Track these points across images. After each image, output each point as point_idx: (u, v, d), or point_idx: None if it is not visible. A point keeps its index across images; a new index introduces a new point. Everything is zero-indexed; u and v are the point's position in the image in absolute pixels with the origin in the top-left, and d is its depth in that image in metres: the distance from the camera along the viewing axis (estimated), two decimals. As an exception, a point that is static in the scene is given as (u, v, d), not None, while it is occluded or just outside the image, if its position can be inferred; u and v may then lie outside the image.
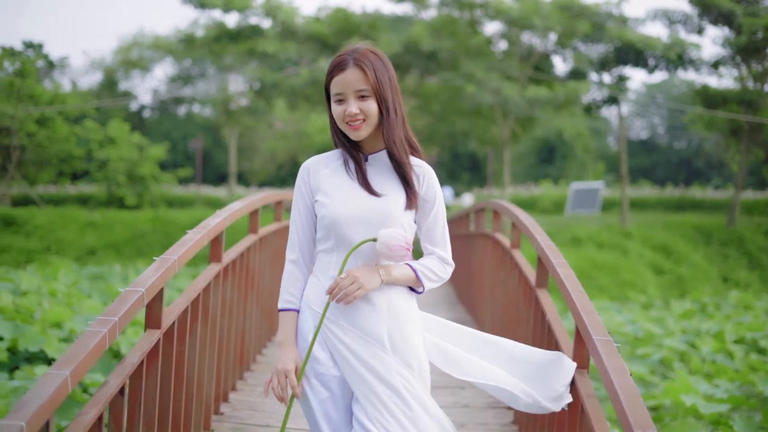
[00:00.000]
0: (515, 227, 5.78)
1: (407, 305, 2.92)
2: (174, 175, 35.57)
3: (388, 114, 2.81)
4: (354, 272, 2.79)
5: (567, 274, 3.77)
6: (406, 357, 2.86)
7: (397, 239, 2.75)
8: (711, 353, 11.00)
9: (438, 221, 2.95)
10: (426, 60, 27.36)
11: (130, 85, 48.01)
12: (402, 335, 2.87)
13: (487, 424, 5.09)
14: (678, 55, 27.41)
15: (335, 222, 2.83)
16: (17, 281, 12.86)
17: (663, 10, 28.15)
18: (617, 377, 2.67)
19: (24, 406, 2.27)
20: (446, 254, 3.00)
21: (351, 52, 2.80)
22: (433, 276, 2.96)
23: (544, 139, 51.46)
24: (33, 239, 26.97)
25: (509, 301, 5.90)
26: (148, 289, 3.29)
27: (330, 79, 2.82)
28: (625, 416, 2.45)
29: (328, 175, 2.90)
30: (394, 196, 2.84)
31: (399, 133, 2.84)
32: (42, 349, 7.95)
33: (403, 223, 2.84)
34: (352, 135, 2.81)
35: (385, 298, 2.87)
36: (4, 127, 29.94)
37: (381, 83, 2.78)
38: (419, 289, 2.94)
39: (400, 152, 2.83)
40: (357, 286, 2.76)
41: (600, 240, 25.77)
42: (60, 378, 2.45)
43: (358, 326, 2.84)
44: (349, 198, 2.84)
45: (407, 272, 2.89)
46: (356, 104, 2.77)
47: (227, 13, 29.17)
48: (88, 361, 2.66)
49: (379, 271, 2.82)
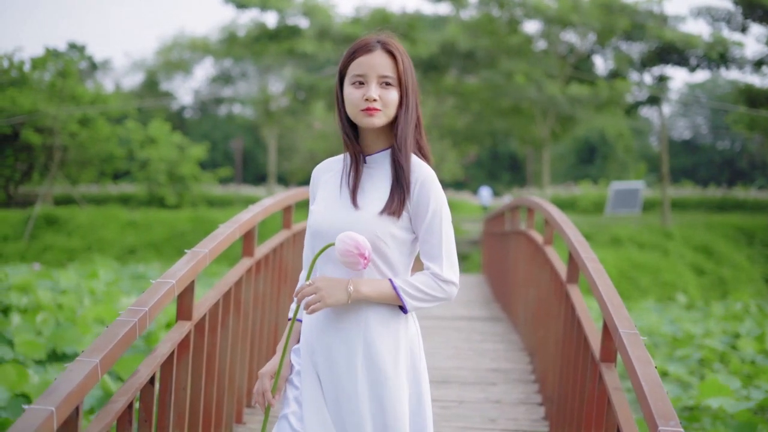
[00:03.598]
0: (548, 224, 5.78)
1: (387, 333, 2.58)
2: (214, 175, 35.77)
3: (407, 109, 2.60)
4: (319, 282, 2.52)
5: (596, 268, 3.77)
6: (381, 401, 2.55)
7: (347, 243, 2.45)
8: (752, 354, 10.87)
9: (433, 232, 2.59)
10: (464, 59, 27.32)
11: (171, 85, 48.52)
12: (376, 372, 2.56)
13: (518, 419, 5.09)
14: (720, 54, 27.08)
15: (313, 234, 2.64)
16: (57, 279, 13.04)
17: (706, 8, 27.79)
18: (641, 369, 2.67)
19: (54, 391, 2.31)
20: (442, 271, 2.58)
21: (378, 38, 2.61)
22: (419, 294, 2.57)
23: (585, 139, 51.10)
24: (74, 238, 27.29)
25: (541, 296, 5.90)
26: (178, 280, 3.32)
27: (350, 60, 2.60)
28: (648, 407, 2.45)
29: (326, 180, 2.72)
30: (375, 207, 2.57)
31: (410, 133, 2.61)
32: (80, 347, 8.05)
33: (377, 232, 2.53)
34: (365, 122, 2.56)
35: (362, 319, 2.57)
36: (47, 128, 30.32)
37: (406, 75, 2.60)
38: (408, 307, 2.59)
39: (406, 151, 2.58)
40: (317, 299, 2.50)
41: (640, 240, 25.54)
42: (90, 365, 2.49)
43: (330, 355, 2.60)
44: (331, 208, 2.62)
45: (384, 289, 2.55)
46: (378, 90, 2.55)
47: (265, 12, 29.35)
48: (118, 350, 2.69)
49: (348, 287, 2.51)
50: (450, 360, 6.71)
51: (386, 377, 2.55)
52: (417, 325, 2.71)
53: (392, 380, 2.55)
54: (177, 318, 3.65)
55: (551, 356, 5.12)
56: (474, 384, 5.88)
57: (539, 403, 5.43)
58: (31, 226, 27.79)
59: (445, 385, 5.86)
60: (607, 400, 3.20)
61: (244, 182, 48.36)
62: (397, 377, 2.56)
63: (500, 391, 5.71)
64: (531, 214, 7.17)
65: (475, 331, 8.33)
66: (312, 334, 2.63)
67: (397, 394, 2.56)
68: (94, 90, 34.35)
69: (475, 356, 6.90)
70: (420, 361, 2.67)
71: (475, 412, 5.19)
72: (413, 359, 2.64)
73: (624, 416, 2.98)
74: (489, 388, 5.78)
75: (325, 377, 2.59)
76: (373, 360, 2.55)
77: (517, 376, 6.19)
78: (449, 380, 6.00)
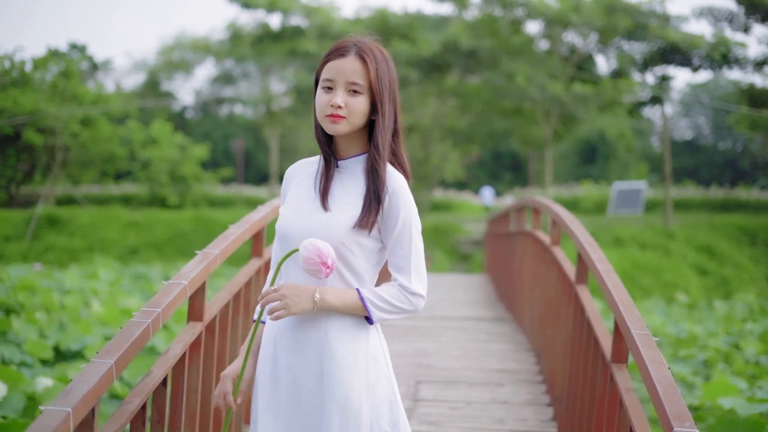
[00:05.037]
0: (555, 224, 5.78)
1: (349, 344, 2.52)
2: (216, 175, 35.80)
3: (383, 117, 2.51)
4: (285, 289, 2.46)
5: (605, 269, 3.77)
6: (343, 412, 2.49)
7: (309, 251, 2.38)
8: (755, 355, 10.86)
9: (402, 245, 2.53)
10: (466, 59, 27.32)
11: (173, 86, 48.53)
12: (336, 384, 2.50)
13: (527, 420, 5.10)
14: (723, 54, 27.08)
15: (280, 237, 2.59)
16: (61, 280, 13.04)
17: (708, 8, 27.77)
18: (655, 370, 2.67)
19: (70, 392, 2.31)
20: (410, 283, 2.53)
21: (356, 42, 2.53)
22: (386, 306, 2.51)
23: (586, 139, 51.07)
24: (76, 238, 27.32)
25: (549, 297, 5.90)
26: (190, 281, 3.32)
27: (324, 63, 2.54)
28: (663, 408, 2.45)
29: (299, 182, 2.66)
30: (344, 212, 2.51)
31: (387, 140, 2.53)
32: (85, 346, 8.04)
33: (344, 240, 2.48)
34: (329, 129, 2.50)
35: (322, 329, 2.52)
36: (49, 128, 30.35)
37: (380, 82, 2.50)
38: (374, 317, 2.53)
39: (383, 160, 2.50)
40: (282, 306, 2.45)
41: (643, 240, 25.56)
42: (105, 366, 2.49)
43: (290, 367, 2.55)
44: (301, 211, 2.57)
45: (352, 299, 2.50)
46: (344, 97, 2.47)
47: (271, 13, 29.35)
48: (132, 351, 2.70)
49: (315, 295, 2.46)
50: (457, 360, 6.71)
51: (345, 390, 2.49)
52: (381, 335, 2.64)
53: (351, 393, 2.49)
54: (188, 319, 3.64)
55: (559, 357, 5.12)
56: (481, 384, 5.89)
57: (547, 404, 5.43)
58: (33, 226, 27.81)
59: (453, 385, 5.87)
60: (619, 401, 3.20)
61: (246, 182, 48.35)
62: (355, 389, 2.50)
63: (508, 392, 5.71)
64: (537, 214, 7.17)
65: (480, 331, 8.33)
66: (269, 344, 2.59)
67: (357, 407, 2.49)
68: (95, 90, 34.37)
69: (481, 357, 6.91)
70: (383, 368, 2.59)
71: (483, 413, 5.19)
72: (376, 370, 2.56)
73: (637, 417, 2.98)
74: (496, 389, 5.79)
75: (285, 389, 2.55)
76: (331, 373, 2.49)
77: (524, 376, 6.19)
78: (457, 380, 6.01)
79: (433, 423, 4.96)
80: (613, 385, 3.35)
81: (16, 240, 27.56)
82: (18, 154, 31.43)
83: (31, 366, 7.53)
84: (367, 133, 2.57)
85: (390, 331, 8.00)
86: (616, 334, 3.43)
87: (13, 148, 31.06)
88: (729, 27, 27.98)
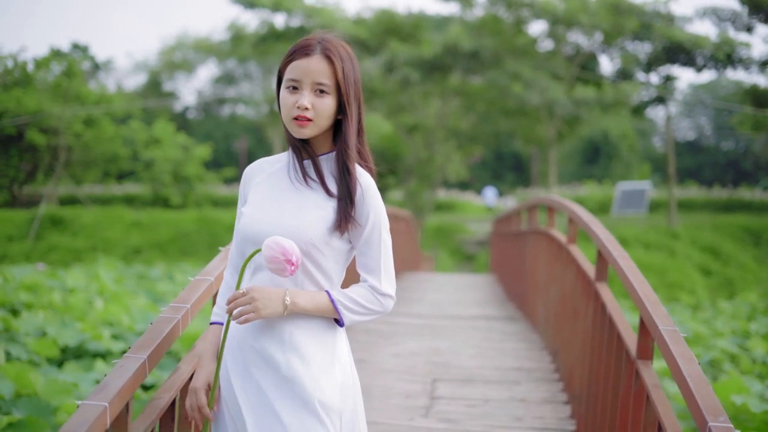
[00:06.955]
0: (572, 222, 5.77)
1: (316, 345, 2.47)
2: (219, 175, 35.81)
3: (346, 116, 2.46)
4: (254, 292, 2.37)
5: (628, 265, 3.77)
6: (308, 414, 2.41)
7: (273, 249, 2.30)
8: (762, 355, 10.86)
9: (372, 245, 2.49)
10: (468, 59, 27.30)
11: (174, 86, 48.56)
12: (299, 391, 2.42)
13: (545, 417, 5.09)
14: (727, 54, 27.09)
15: (243, 238, 2.51)
16: (64, 279, 13.05)
17: (712, 8, 27.78)
18: (686, 365, 2.67)
19: (105, 387, 2.32)
20: (380, 284, 2.50)
21: (320, 40, 2.46)
22: (356, 308, 2.48)
23: (589, 139, 51.11)
24: (79, 238, 27.33)
25: (565, 296, 5.89)
26: (216, 277, 3.33)
27: (288, 62, 2.46)
28: (696, 404, 2.45)
29: (262, 180, 2.59)
30: (312, 213, 2.46)
31: (352, 140, 2.48)
32: (87, 345, 8.05)
33: (313, 240, 2.42)
34: (295, 132, 2.45)
35: (286, 333, 2.45)
36: (52, 128, 30.37)
37: (347, 82, 2.45)
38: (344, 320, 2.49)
39: (351, 160, 2.46)
40: (251, 309, 2.36)
41: (647, 241, 25.57)
42: (138, 361, 2.50)
43: (250, 375, 2.48)
44: (264, 213, 2.49)
45: (322, 301, 2.45)
46: (311, 98, 2.42)
47: (275, 13, 29.36)
48: (164, 346, 2.71)
49: (285, 299, 2.39)
50: (473, 359, 6.71)
51: (309, 396, 2.42)
52: (346, 338, 2.60)
53: (322, 395, 2.43)
54: (214, 316, 3.65)
55: (578, 355, 5.11)
56: (498, 383, 5.88)
57: (565, 402, 5.42)
58: (36, 226, 27.83)
59: (470, 383, 5.86)
60: (646, 396, 3.19)
61: (248, 182, 48.30)
62: (326, 392, 2.44)
63: (525, 390, 5.71)
64: (552, 213, 7.14)
65: (493, 330, 8.33)
66: (231, 351, 2.52)
67: (321, 415, 2.41)
68: (98, 90, 34.40)
69: (497, 355, 6.90)
70: (350, 377, 2.54)
71: (501, 411, 5.19)
72: (343, 376, 2.51)
73: (665, 412, 2.97)
74: (513, 387, 5.78)
75: (245, 398, 2.47)
76: (299, 376, 2.42)
77: (540, 374, 6.18)
78: (473, 379, 6.00)
79: (451, 420, 4.96)
80: (639, 382, 3.34)
81: (19, 240, 27.58)
82: (21, 154, 31.46)
83: (38, 364, 7.55)
84: (332, 131, 2.53)
85: (404, 330, 8.01)
86: (641, 330, 3.42)
87: (16, 148, 31.08)
88: (732, 27, 28.00)
